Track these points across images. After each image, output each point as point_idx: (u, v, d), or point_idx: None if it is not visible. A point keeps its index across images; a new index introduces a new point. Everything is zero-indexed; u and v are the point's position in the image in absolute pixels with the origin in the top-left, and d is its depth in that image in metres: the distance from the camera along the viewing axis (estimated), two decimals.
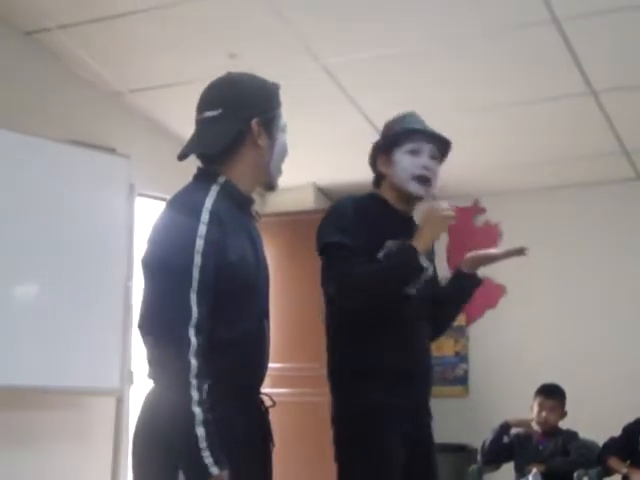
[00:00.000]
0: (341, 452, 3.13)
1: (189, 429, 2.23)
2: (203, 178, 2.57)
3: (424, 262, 3.07)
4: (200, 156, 2.62)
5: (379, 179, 3.33)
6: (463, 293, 3.45)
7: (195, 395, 2.24)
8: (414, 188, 3.22)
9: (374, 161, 3.34)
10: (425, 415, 3.27)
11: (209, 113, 2.56)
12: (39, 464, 5.08)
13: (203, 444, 2.23)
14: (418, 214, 3.25)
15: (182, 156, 2.59)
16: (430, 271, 3.17)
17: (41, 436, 5.10)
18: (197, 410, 2.24)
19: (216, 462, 2.23)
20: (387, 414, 3.06)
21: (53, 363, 4.89)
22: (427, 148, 3.25)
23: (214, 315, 2.34)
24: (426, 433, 3.25)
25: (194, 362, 2.26)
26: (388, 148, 3.26)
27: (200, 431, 2.23)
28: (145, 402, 2.45)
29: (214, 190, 2.49)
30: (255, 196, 2.71)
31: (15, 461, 4.94)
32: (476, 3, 4.59)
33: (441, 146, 3.31)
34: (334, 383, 3.21)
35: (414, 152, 3.23)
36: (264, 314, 2.60)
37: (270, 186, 2.70)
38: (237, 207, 2.54)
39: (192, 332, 2.28)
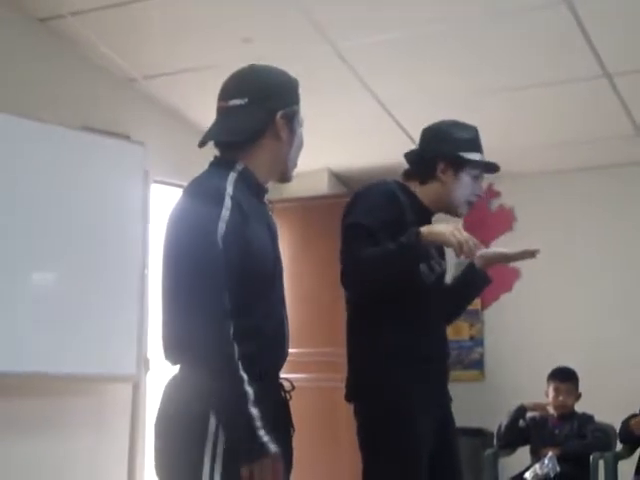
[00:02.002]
0: (367, 440, 3.15)
1: (243, 409, 2.25)
2: (221, 165, 2.57)
3: (433, 255, 3.15)
4: (220, 144, 2.62)
5: (425, 180, 3.31)
6: (472, 289, 3.52)
7: (245, 376, 2.27)
8: (463, 210, 3.37)
9: (433, 163, 3.30)
10: (446, 398, 3.31)
11: (234, 101, 2.55)
12: (56, 450, 5.11)
13: (258, 423, 2.25)
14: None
15: (203, 143, 2.59)
16: (443, 266, 3.27)
17: (58, 422, 5.12)
18: (249, 390, 2.26)
19: (271, 441, 2.26)
20: (412, 399, 3.08)
21: (70, 350, 4.92)
22: (481, 174, 3.36)
23: (236, 300, 2.35)
24: (448, 416, 3.29)
25: (236, 346, 2.28)
26: (460, 165, 3.29)
27: (254, 411, 2.25)
28: (171, 389, 2.44)
29: (232, 177, 2.49)
30: (271, 182, 2.71)
31: (32, 447, 4.97)
32: None
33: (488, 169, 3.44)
34: (356, 370, 3.23)
35: (476, 178, 3.34)
36: (282, 301, 2.60)
37: (285, 178, 2.72)
38: (254, 195, 2.54)
39: (228, 317, 2.30)
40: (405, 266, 3.04)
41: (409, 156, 3.42)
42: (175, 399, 2.41)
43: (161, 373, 5.56)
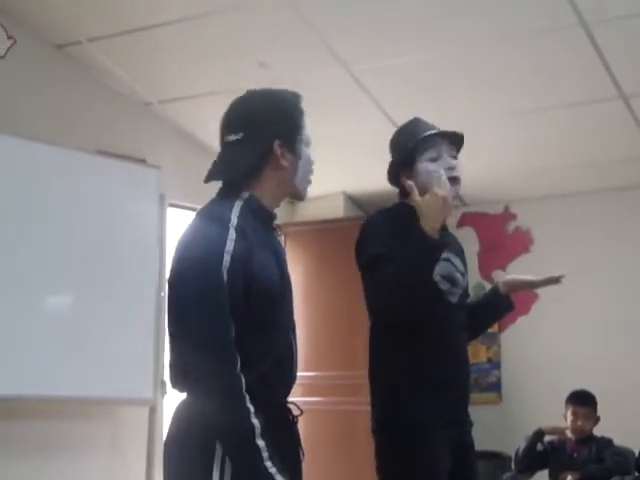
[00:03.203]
0: (385, 463, 3.14)
1: (251, 441, 2.26)
2: (226, 194, 2.57)
3: (457, 266, 3.14)
4: (223, 180, 2.62)
5: (405, 194, 3.25)
6: (494, 313, 3.50)
7: (251, 407, 2.28)
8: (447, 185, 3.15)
9: (397, 179, 3.30)
10: (467, 422, 3.29)
11: (231, 137, 2.56)
12: (73, 474, 5.10)
13: (265, 454, 2.26)
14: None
15: (207, 180, 2.60)
16: (466, 279, 3.24)
17: (74, 446, 5.12)
18: (256, 422, 2.27)
19: (279, 471, 2.27)
20: (434, 423, 3.07)
21: (86, 373, 4.91)
22: (445, 149, 3.23)
23: (242, 330, 2.35)
24: (468, 441, 3.28)
25: (243, 376, 2.30)
26: (408, 162, 3.24)
27: (261, 442, 2.26)
28: (180, 412, 2.46)
29: (237, 205, 2.49)
30: (284, 205, 2.71)
31: (50, 471, 4.98)
32: (504, 8, 4.57)
33: (456, 141, 3.30)
34: (376, 394, 3.22)
35: (434, 159, 3.21)
36: (290, 328, 2.59)
37: (298, 198, 2.71)
38: (260, 222, 2.54)
39: (233, 350, 2.31)
40: (429, 261, 2.99)
41: (388, 175, 3.37)
42: (184, 422, 2.42)
43: (178, 397, 5.56)
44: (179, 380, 2.43)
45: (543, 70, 5.14)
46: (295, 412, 2.58)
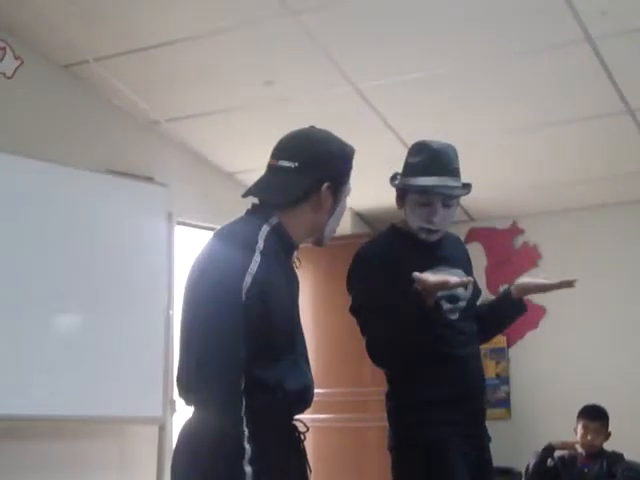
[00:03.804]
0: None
1: (237, 464, 2.25)
2: (256, 214, 2.58)
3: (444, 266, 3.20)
4: (260, 199, 2.63)
5: (402, 207, 3.37)
6: (506, 317, 3.48)
7: (246, 432, 2.27)
8: (422, 237, 3.28)
9: (400, 192, 3.39)
10: (484, 437, 3.29)
11: (285, 163, 2.56)
12: None
13: None
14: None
15: (247, 194, 2.61)
16: (469, 292, 3.25)
17: (85, 465, 5.12)
18: (248, 447, 2.26)
19: None
20: (448, 439, 3.08)
21: (96, 392, 4.92)
22: (439, 198, 3.25)
23: (252, 355, 2.35)
24: (486, 455, 3.28)
25: (245, 400, 2.30)
26: (402, 192, 3.33)
27: (248, 469, 2.25)
28: (189, 427, 2.46)
29: (265, 230, 2.49)
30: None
31: None
32: (510, 24, 4.58)
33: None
34: (391, 412, 3.24)
35: (424, 205, 3.26)
36: (301, 357, 2.58)
37: (319, 244, 2.71)
38: (283, 251, 2.54)
39: (239, 371, 2.31)
40: (424, 321, 3.06)
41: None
42: (189, 436, 2.42)
43: (187, 415, 5.55)
44: (186, 392, 2.44)
45: (550, 85, 5.15)
46: (302, 429, 2.57)
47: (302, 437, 2.56)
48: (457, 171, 3.29)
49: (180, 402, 5.22)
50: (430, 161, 3.28)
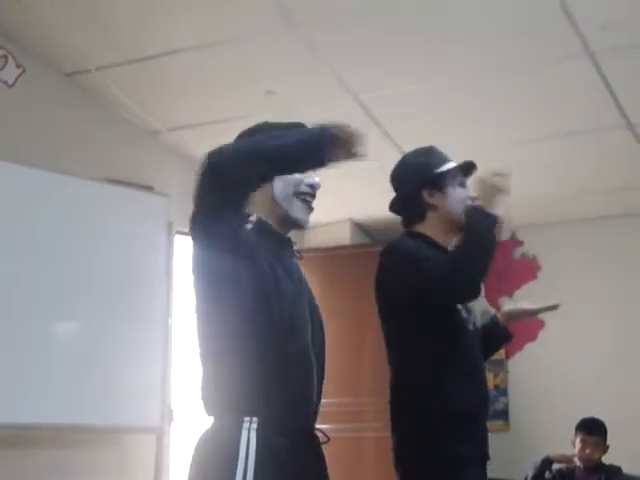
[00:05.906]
0: None
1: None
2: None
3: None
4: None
5: (422, 214, 3.29)
6: (492, 344, 3.46)
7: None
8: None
9: (416, 198, 3.29)
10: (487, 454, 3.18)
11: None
12: None
13: None
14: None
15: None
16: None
17: (83, 474, 5.10)
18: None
19: None
20: (468, 455, 2.99)
21: (93, 401, 4.90)
22: (466, 180, 3.33)
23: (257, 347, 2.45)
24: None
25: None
26: (440, 182, 3.27)
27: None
28: (205, 437, 2.49)
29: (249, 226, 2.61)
30: (294, 232, 2.74)
31: None
32: (511, 37, 4.60)
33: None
34: (408, 425, 3.08)
35: (462, 184, 3.31)
36: (306, 354, 2.67)
37: (291, 222, 2.76)
38: (276, 243, 2.58)
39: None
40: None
41: (395, 205, 3.41)
42: (205, 446, 2.45)
43: (185, 424, 5.55)
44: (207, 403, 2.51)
45: (550, 99, 5.17)
46: (322, 439, 2.65)
47: (320, 447, 2.66)
48: None
49: (178, 411, 5.25)
50: (439, 153, 3.35)
